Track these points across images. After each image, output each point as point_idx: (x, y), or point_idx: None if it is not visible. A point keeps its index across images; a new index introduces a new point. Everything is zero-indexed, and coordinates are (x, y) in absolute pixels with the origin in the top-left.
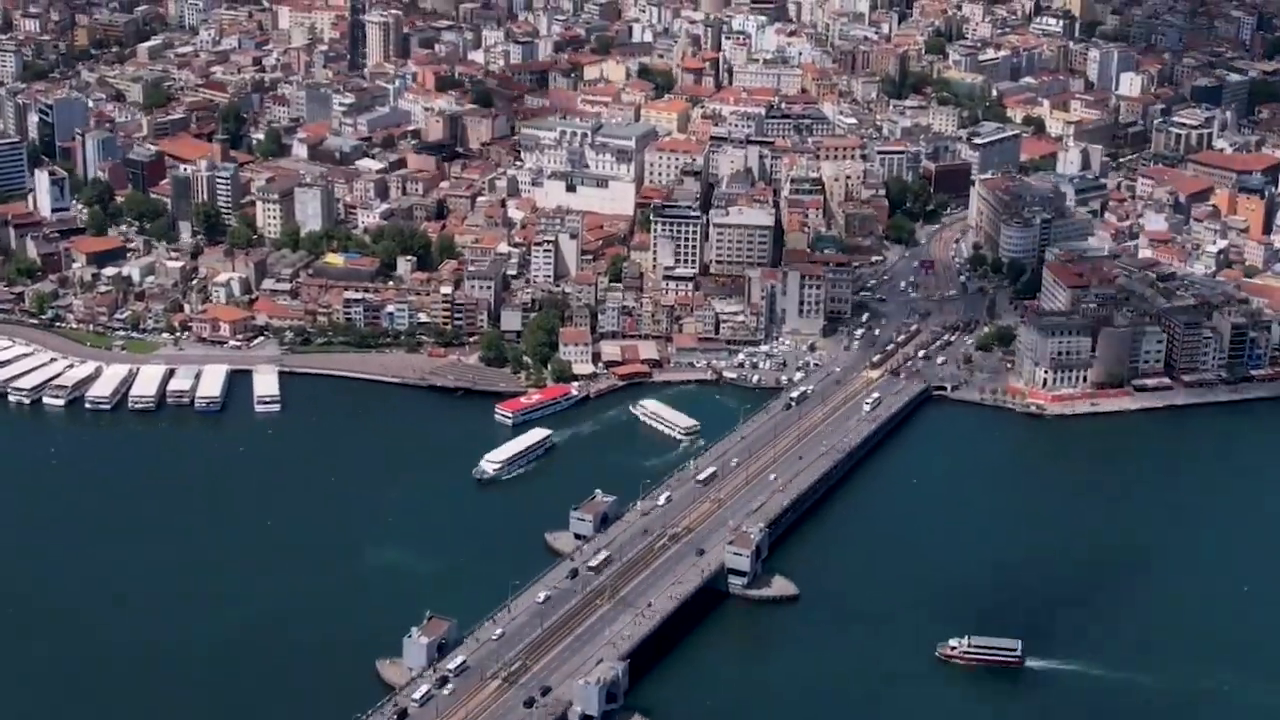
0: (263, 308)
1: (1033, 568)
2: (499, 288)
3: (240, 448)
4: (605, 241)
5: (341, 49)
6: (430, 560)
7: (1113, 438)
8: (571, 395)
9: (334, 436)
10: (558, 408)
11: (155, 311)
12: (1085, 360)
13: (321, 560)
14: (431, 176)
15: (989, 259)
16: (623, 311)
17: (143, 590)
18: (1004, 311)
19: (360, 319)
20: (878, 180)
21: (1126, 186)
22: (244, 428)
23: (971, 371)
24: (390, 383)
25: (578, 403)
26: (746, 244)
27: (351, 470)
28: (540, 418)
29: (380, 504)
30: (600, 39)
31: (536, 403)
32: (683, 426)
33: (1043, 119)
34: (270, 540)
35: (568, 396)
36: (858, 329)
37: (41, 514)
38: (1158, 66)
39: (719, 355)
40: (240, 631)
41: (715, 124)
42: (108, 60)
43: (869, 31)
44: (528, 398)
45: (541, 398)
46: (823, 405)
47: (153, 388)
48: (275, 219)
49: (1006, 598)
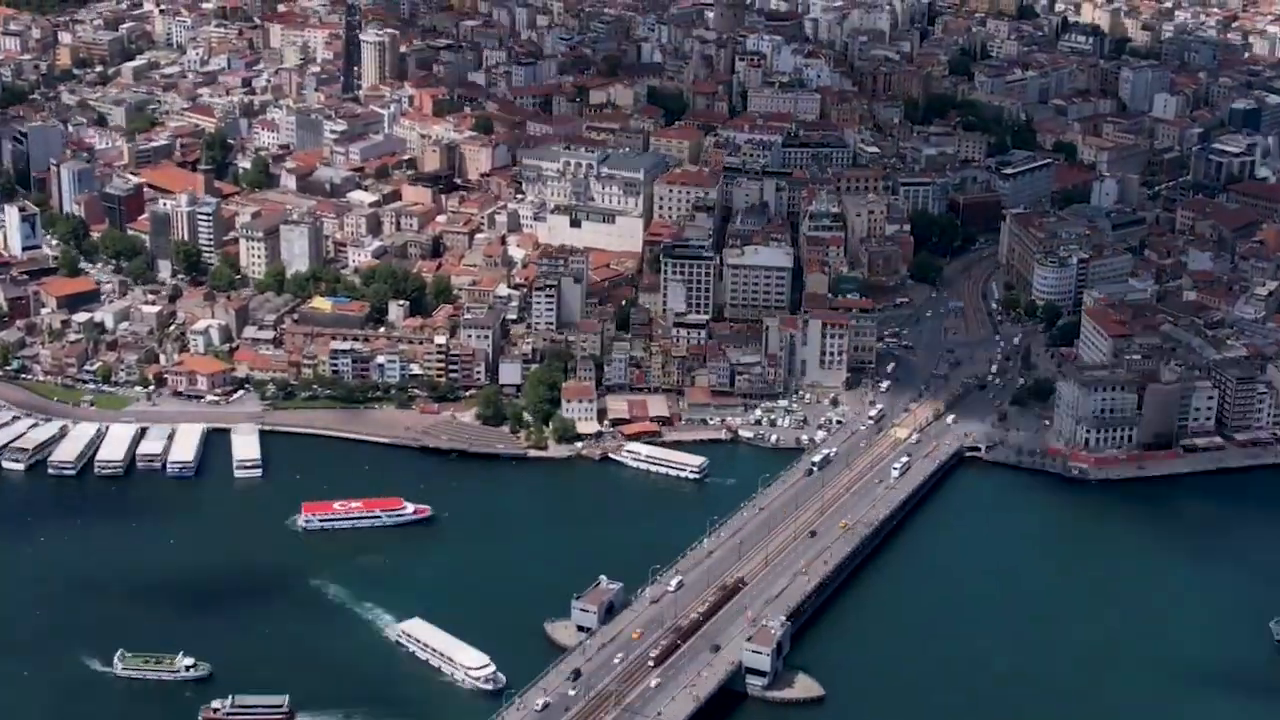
0: (244, 357)
1: (1085, 667)
2: (497, 337)
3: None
4: (612, 283)
5: (335, 70)
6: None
7: (1162, 505)
8: (403, 512)
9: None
10: (377, 522)
11: (128, 362)
12: (1131, 418)
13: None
14: (427, 210)
15: (1021, 300)
16: (631, 363)
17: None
18: (1038, 358)
19: (348, 371)
20: (902, 215)
21: (1165, 219)
22: (221, 495)
23: (1007, 430)
24: (380, 443)
25: (417, 523)
26: (764, 286)
27: (334, 542)
28: (349, 529)
29: (357, 578)
30: (608, 59)
31: (347, 512)
32: (694, 465)
33: (1074, 145)
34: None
35: (396, 512)
36: (884, 381)
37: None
38: (1192, 86)
39: (734, 411)
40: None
41: (729, 153)
42: (90, 81)
43: (890, 51)
44: (343, 505)
45: (361, 507)
46: (847, 470)
47: (122, 450)
48: (260, 258)
49: (1056, 700)
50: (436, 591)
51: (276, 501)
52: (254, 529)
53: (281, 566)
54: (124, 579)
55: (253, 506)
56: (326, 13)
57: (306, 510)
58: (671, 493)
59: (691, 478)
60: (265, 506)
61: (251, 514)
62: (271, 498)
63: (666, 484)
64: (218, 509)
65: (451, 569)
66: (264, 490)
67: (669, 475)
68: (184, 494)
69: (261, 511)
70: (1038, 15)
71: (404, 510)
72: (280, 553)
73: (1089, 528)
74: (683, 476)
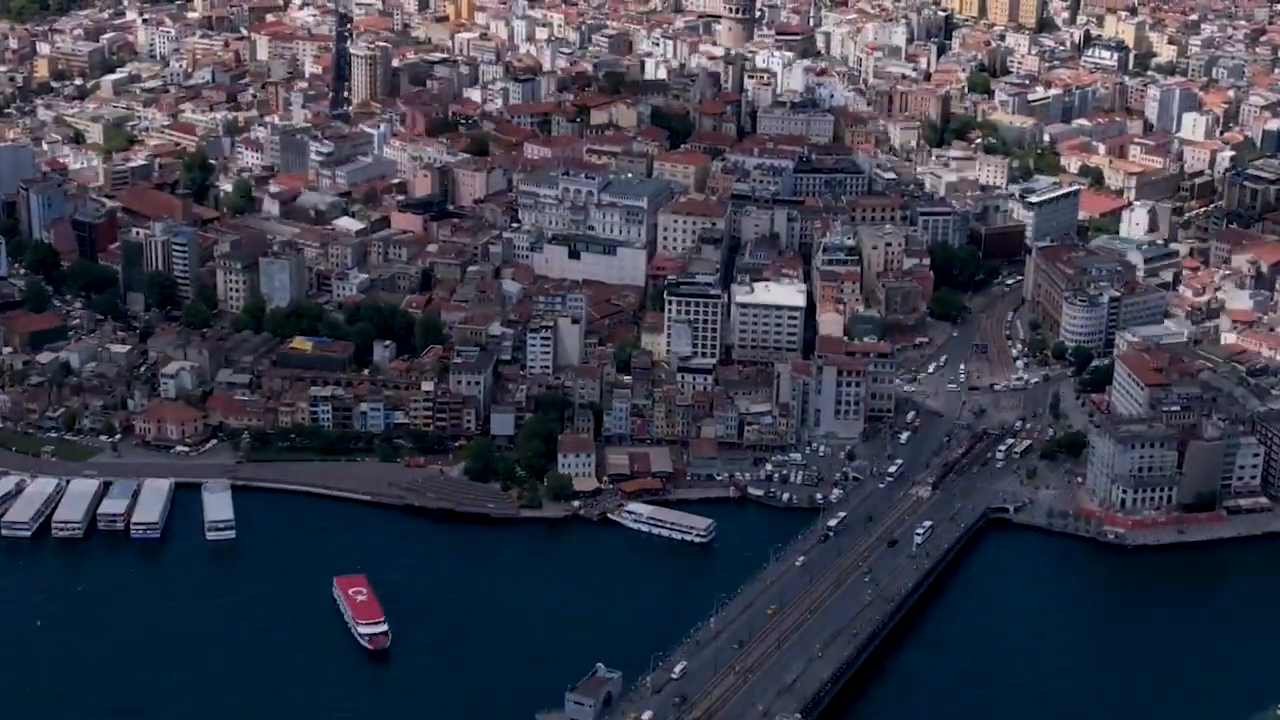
0: (218, 403)
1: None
2: (489, 382)
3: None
4: (612, 320)
5: (323, 86)
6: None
7: (1206, 575)
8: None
9: (297, 572)
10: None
11: (94, 408)
12: (1170, 477)
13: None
14: (417, 238)
15: (1049, 342)
16: (632, 412)
17: None
18: (1067, 404)
19: (328, 420)
20: (921, 247)
21: (1198, 252)
22: (188, 563)
23: (1036, 487)
24: (362, 501)
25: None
26: (774, 327)
27: (314, 617)
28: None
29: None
30: (609, 76)
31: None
32: (699, 529)
33: (1100, 169)
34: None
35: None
36: (903, 431)
37: None
38: (1222, 105)
39: (743, 465)
40: None
41: (737, 179)
42: (68, 95)
43: (906, 68)
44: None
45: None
46: (866, 536)
47: (81, 509)
48: (238, 291)
49: None
50: (417, 678)
51: (251, 570)
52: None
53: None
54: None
55: (225, 576)
56: (316, 24)
57: None
58: (676, 560)
59: (697, 542)
60: (237, 573)
61: (221, 586)
62: (244, 568)
63: (670, 549)
64: (184, 574)
65: (433, 650)
66: (235, 561)
67: (673, 540)
68: (146, 561)
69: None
70: (1059, 28)
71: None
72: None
73: (1129, 604)
74: (688, 541)
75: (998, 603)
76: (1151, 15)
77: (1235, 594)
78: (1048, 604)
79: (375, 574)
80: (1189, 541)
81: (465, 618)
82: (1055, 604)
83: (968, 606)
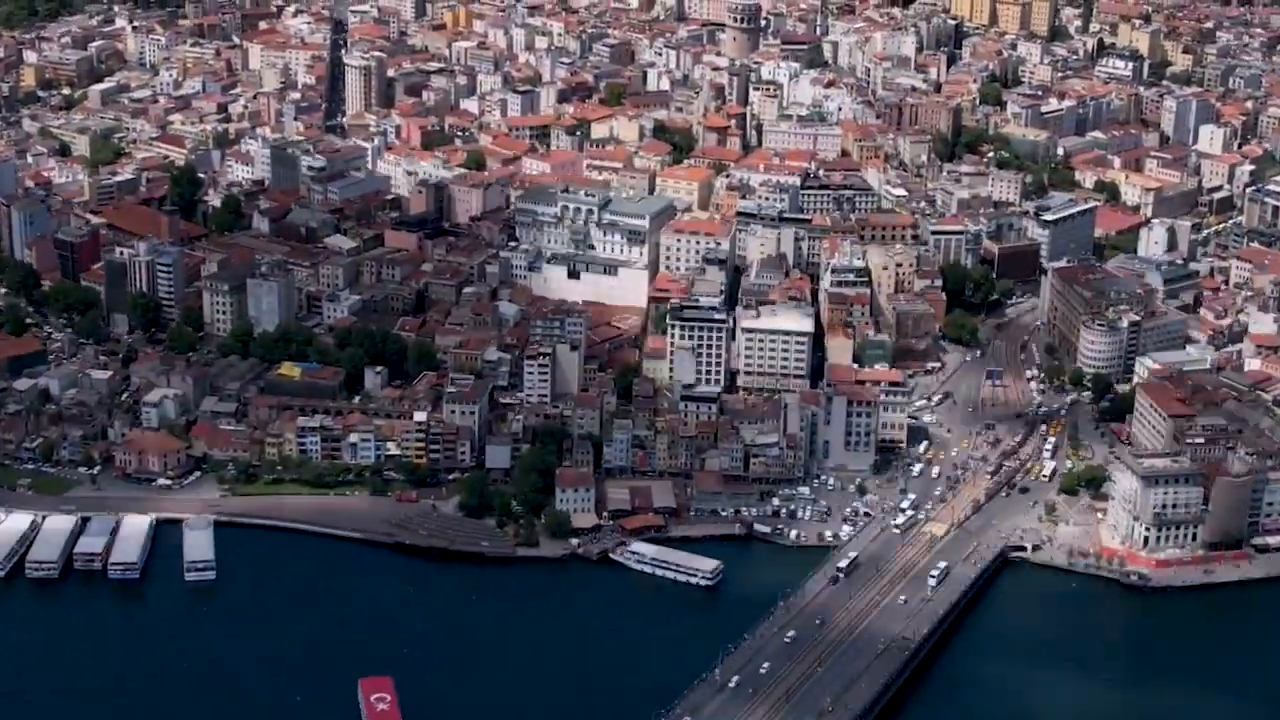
0: (201, 433)
1: None
2: (484, 412)
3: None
4: (613, 344)
5: (316, 97)
6: None
7: (1234, 617)
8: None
9: (281, 618)
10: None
11: (73, 438)
12: (1196, 515)
13: None
14: (411, 258)
15: (1065, 367)
16: (634, 444)
17: None
18: (1086, 433)
19: (317, 451)
20: (933, 268)
21: (1219, 270)
22: (168, 605)
23: (1055, 523)
24: (351, 538)
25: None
26: (781, 353)
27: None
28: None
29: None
30: (611, 87)
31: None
32: (705, 571)
33: (1116, 184)
34: None
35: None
36: (915, 463)
37: None
38: (1240, 116)
39: (749, 499)
40: None
41: (742, 196)
42: (55, 105)
43: (916, 79)
44: None
45: None
46: (878, 577)
47: (57, 549)
48: (225, 313)
49: None
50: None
51: (230, 612)
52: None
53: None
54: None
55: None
56: (310, 32)
57: None
58: (680, 605)
59: (703, 584)
60: (213, 621)
61: (198, 630)
62: (222, 613)
63: (674, 592)
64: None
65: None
66: (214, 603)
67: (677, 581)
68: (125, 603)
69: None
70: (1071, 37)
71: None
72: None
73: (1151, 648)
74: (693, 583)
75: (1015, 647)
76: (1166, 23)
77: (1265, 637)
78: (1067, 648)
79: (359, 614)
80: (1216, 582)
81: (456, 666)
82: (1075, 648)
83: (984, 650)
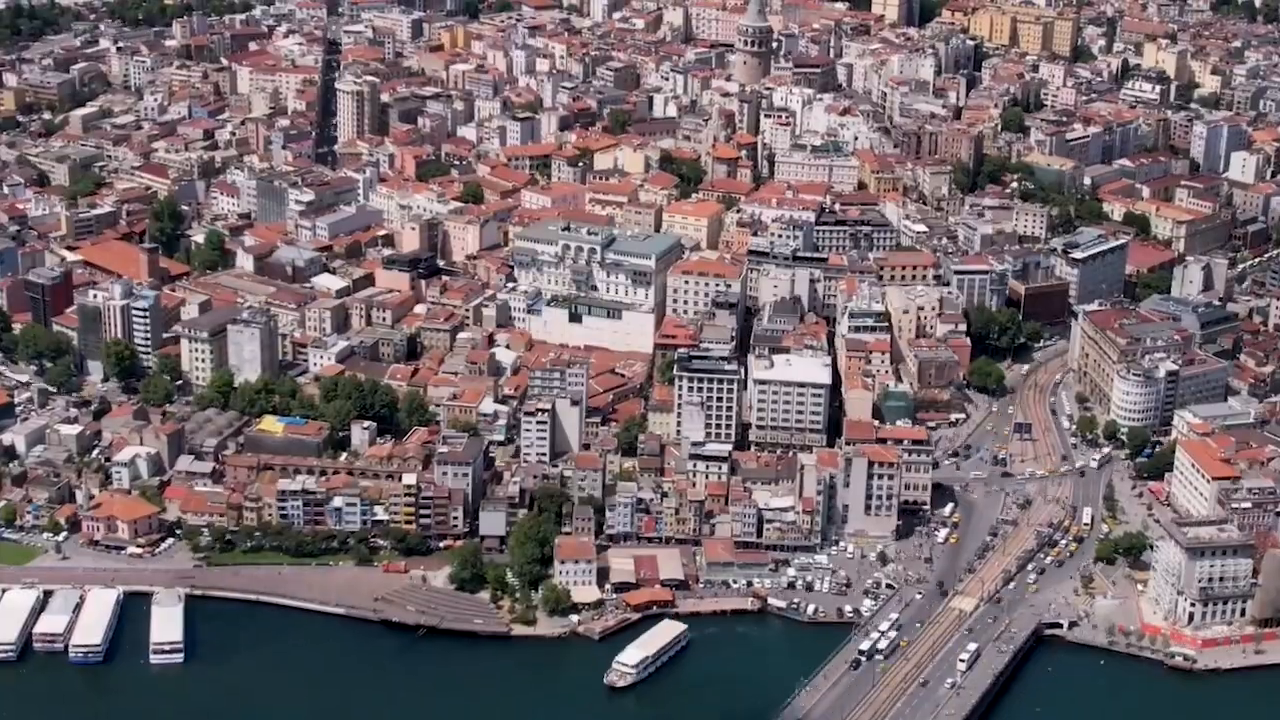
0: (175, 495)
1: None
2: (478, 473)
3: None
4: (617, 394)
5: (306, 124)
6: None
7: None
8: None
9: (253, 704)
10: None
11: (38, 501)
12: (1244, 590)
13: None
14: (403, 300)
15: (1098, 420)
16: (639, 508)
17: None
18: (1121, 493)
19: (298, 516)
20: (957, 311)
21: (1257, 311)
22: (132, 691)
23: (1093, 596)
24: (333, 614)
25: None
26: (796, 407)
27: None
28: None
29: None
30: (615, 113)
31: None
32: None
33: (1146, 216)
34: None
35: None
36: (940, 529)
37: None
38: (1273, 142)
39: (762, 569)
40: None
41: (754, 233)
42: (35, 131)
43: (935, 105)
44: None
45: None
46: (904, 662)
47: (16, 627)
48: (204, 361)
49: None
50: None
51: (197, 700)
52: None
53: None
54: None
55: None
56: (301, 54)
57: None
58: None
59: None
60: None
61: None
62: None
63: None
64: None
65: None
66: (181, 689)
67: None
68: (87, 689)
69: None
70: (1095, 57)
71: None
72: None
73: None
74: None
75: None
76: (1192, 43)
77: None
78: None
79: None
80: (1267, 663)
81: None
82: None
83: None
